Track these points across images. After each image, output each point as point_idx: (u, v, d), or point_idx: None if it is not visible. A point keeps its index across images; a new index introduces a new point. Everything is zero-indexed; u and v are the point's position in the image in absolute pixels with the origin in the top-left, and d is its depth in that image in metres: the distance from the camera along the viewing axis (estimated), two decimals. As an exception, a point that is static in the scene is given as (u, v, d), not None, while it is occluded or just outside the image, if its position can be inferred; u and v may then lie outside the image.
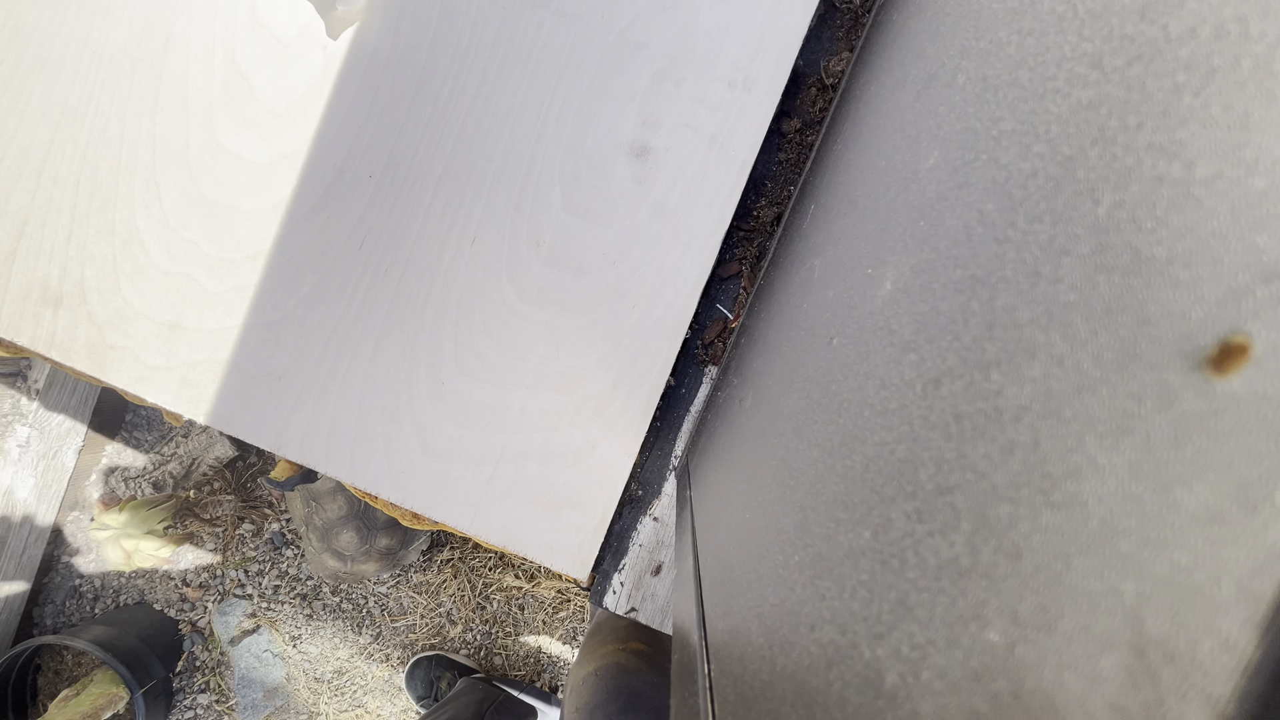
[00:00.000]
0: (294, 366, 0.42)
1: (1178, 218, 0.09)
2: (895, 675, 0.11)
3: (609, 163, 0.42)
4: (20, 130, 0.42)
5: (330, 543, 1.01)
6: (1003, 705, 0.09)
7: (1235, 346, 0.07)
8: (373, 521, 1.01)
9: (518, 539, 0.43)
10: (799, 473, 0.20)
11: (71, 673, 1.08)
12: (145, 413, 1.15)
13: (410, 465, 0.43)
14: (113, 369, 0.42)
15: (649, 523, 0.44)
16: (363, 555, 1.02)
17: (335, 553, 1.02)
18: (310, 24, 0.42)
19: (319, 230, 0.42)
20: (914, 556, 0.12)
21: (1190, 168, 0.09)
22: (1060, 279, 0.11)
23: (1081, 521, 0.09)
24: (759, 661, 0.18)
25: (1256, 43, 0.09)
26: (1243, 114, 0.08)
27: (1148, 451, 0.08)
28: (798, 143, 0.45)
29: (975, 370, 0.12)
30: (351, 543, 1.01)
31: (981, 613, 0.10)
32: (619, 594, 0.44)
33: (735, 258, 0.45)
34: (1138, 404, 0.08)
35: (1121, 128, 0.11)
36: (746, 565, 0.22)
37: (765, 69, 0.42)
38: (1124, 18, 0.12)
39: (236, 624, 1.14)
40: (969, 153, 0.16)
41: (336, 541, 1.01)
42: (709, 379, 0.45)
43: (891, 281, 0.18)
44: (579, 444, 0.43)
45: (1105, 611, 0.08)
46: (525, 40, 0.42)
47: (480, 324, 0.43)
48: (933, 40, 0.23)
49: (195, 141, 0.42)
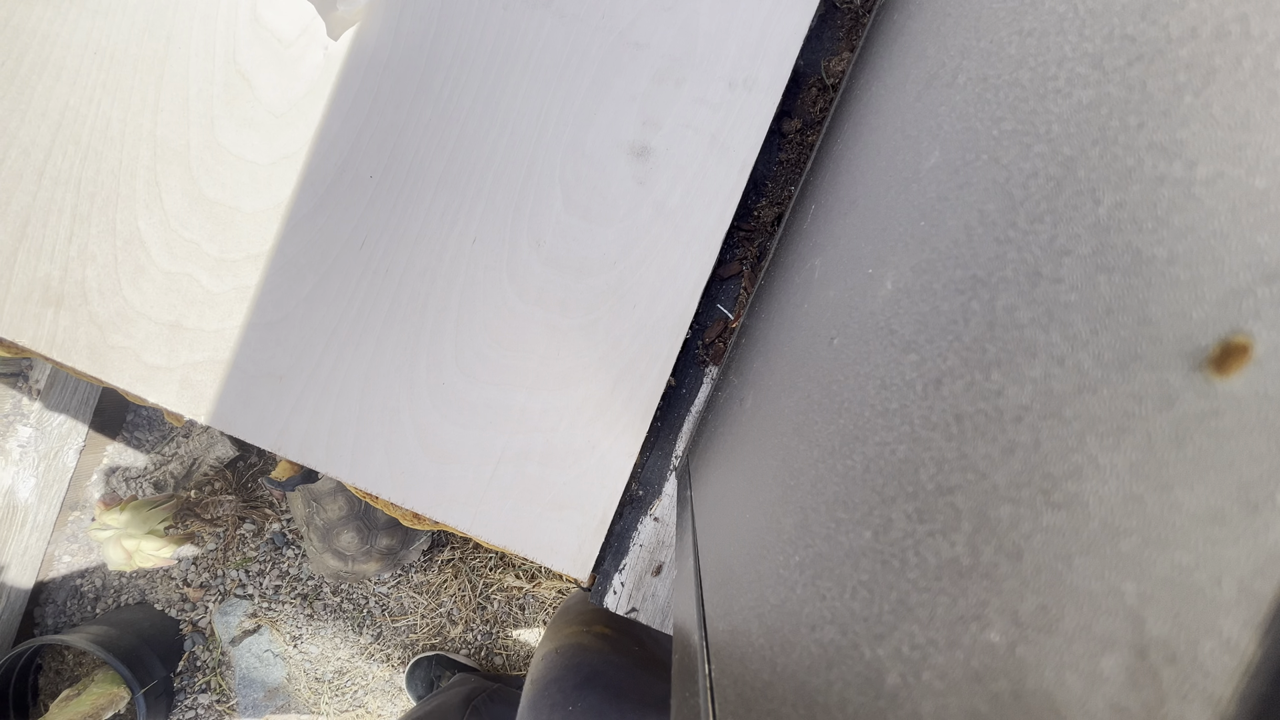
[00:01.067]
0: (295, 367, 0.42)
1: (1179, 218, 0.09)
2: (896, 675, 0.11)
3: (609, 163, 0.42)
4: (21, 131, 0.42)
5: (331, 543, 1.01)
6: (1003, 705, 0.09)
7: (1236, 346, 0.07)
8: (373, 522, 1.01)
9: (518, 539, 0.43)
10: (799, 473, 0.20)
11: (72, 672, 1.08)
12: (146, 413, 1.15)
13: (411, 465, 0.43)
14: (114, 369, 0.42)
15: (649, 523, 0.44)
16: (364, 555, 1.02)
17: (336, 553, 1.02)
18: (311, 24, 0.42)
19: (320, 230, 0.42)
20: (915, 557, 0.12)
21: (1191, 167, 0.09)
22: (1061, 279, 0.11)
23: (1082, 522, 0.09)
24: (759, 661, 0.18)
25: (1258, 42, 0.09)
26: (1244, 114, 0.08)
27: (1149, 452, 0.08)
28: (798, 143, 0.45)
29: (976, 370, 0.12)
30: (352, 543, 1.01)
31: (982, 613, 0.10)
32: (619, 594, 0.44)
33: (736, 258, 0.45)
34: (1138, 404, 0.08)
35: (1122, 128, 0.11)
36: (747, 565, 0.22)
37: (766, 69, 0.42)
38: (1125, 17, 0.12)
39: (237, 624, 1.14)
40: (970, 153, 0.16)
41: (337, 542, 1.01)
42: (709, 379, 0.45)
43: (892, 281, 0.18)
44: (580, 444, 0.43)
45: (1106, 612, 0.08)
46: (526, 40, 0.42)
47: (481, 324, 0.43)
48: (933, 40, 0.23)
49: (196, 142, 0.42)
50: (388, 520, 1.02)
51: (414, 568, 1.15)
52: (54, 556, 1.13)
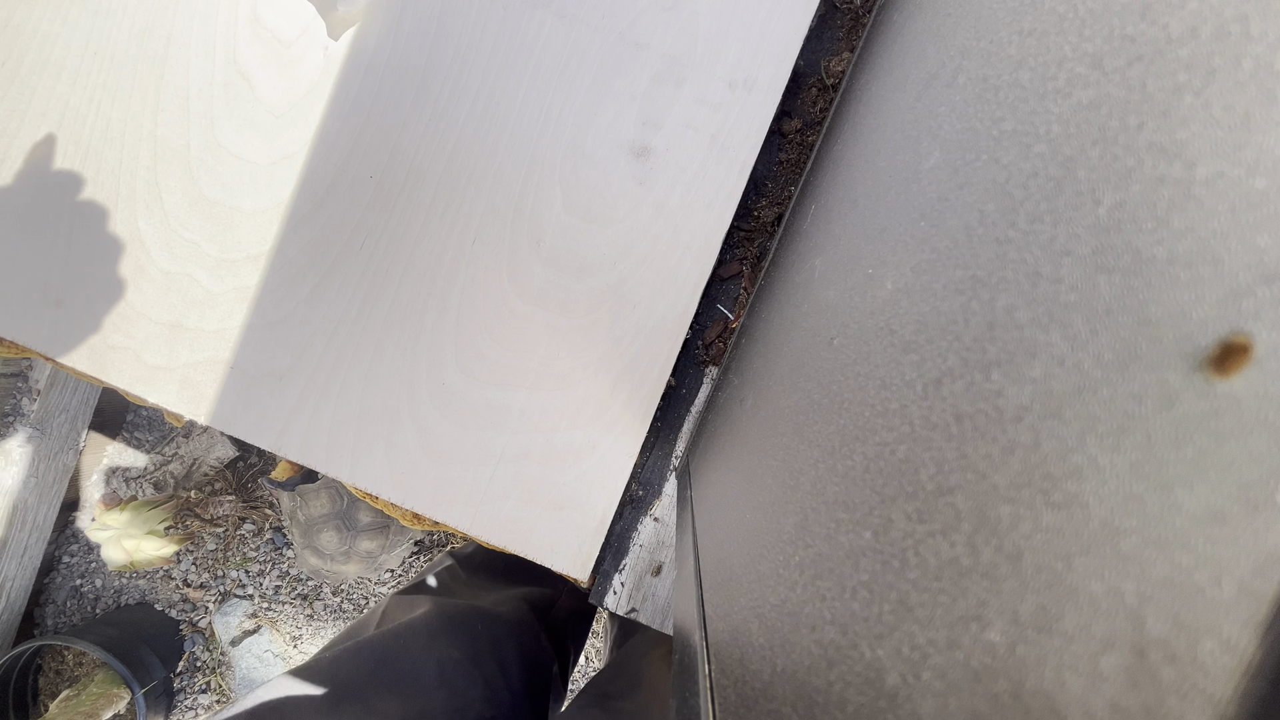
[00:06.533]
0: (295, 367, 0.42)
1: (1178, 218, 0.09)
2: (896, 675, 0.11)
3: (609, 163, 0.42)
4: (22, 131, 0.42)
5: (311, 540, 1.01)
6: (1003, 705, 0.09)
7: (1236, 347, 0.07)
8: (354, 523, 1.01)
9: (518, 539, 0.43)
10: (800, 473, 0.20)
11: (72, 673, 1.08)
12: (146, 413, 1.15)
13: (411, 465, 0.43)
14: (114, 369, 0.42)
15: (649, 523, 0.44)
16: (342, 556, 1.01)
17: (315, 550, 1.01)
18: (311, 24, 0.42)
19: (320, 231, 0.42)
20: (915, 557, 0.12)
21: (1191, 168, 0.09)
22: (1061, 279, 0.11)
23: (1082, 522, 0.09)
24: (760, 662, 0.18)
25: (1257, 42, 0.09)
26: (1244, 114, 0.08)
27: (1149, 452, 0.08)
28: (798, 143, 0.45)
29: (976, 370, 0.12)
30: (331, 542, 1.00)
31: (982, 613, 0.10)
32: (619, 594, 0.44)
33: (736, 258, 0.45)
34: (1139, 404, 0.08)
35: (1122, 128, 0.11)
36: (747, 565, 0.22)
37: (766, 69, 0.42)
38: (1125, 18, 0.12)
39: (237, 624, 1.14)
40: (970, 153, 0.16)
41: (317, 540, 1.00)
42: (710, 379, 0.45)
43: (892, 282, 0.18)
44: (580, 444, 0.43)
45: (1106, 612, 0.08)
46: (526, 41, 0.42)
47: (481, 324, 0.43)
48: (933, 40, 0.23)
49: (196, 142, 0.42)
50: (369, 523, 1.01)
51: (411, 568, 1.14)
52: (54, 557, 1.13)
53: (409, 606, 0.57)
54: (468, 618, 0.54)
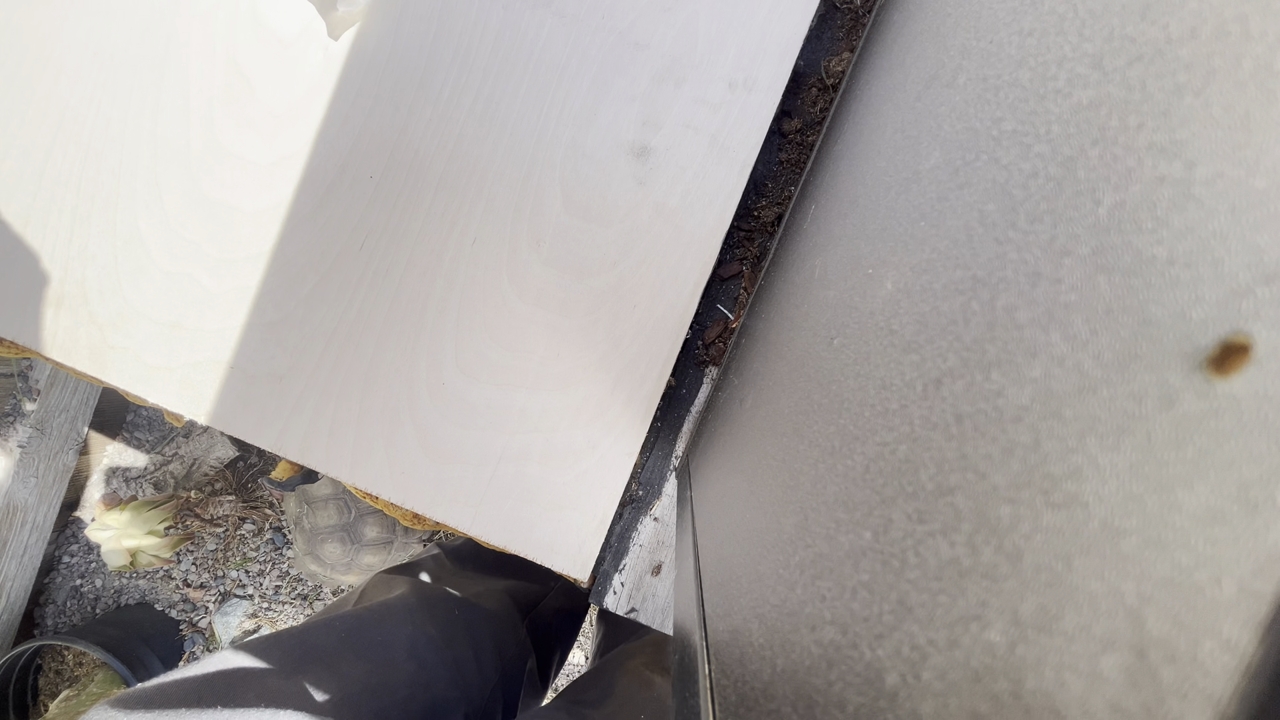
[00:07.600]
0: (295, 367, 0.42)
1: (1178, 218, 0.09)
2: (896, 676, 0.11)
3: (609, 163, 0.42)
4: (21, 131, 0.42)
5: (314, 548, 1.02)
6: (1003, 705, 0.09)
7: (1236, 347, 0.07)
8: (359, 537, 1.02)
9: (518, 539, 0.43)
10: (799, 473, 0.20)
11: (72, 673, 1.08)
12: (146, 413, 1.15)
13: (411, 465, 0.43)
14: (114, 369, 0.42)
15: (649, 523, 0.44)
16: (344, 567, 1.03)
17: (317, 558, 1.02)
18: (311, 24, 0.42)
19: (320, 231, 0.42)
20: (915, 557, 0.12)
21: (1191, 168, 0.09)
22: (1061, 279, 0.11)
23: (1082, 522, 0.09)
24: (760, 662, 0.18)
25: (1257, 42, 0.09)
26: (1244, 114, 0.08)
27: (1148, 452, 0.08)
28: (798, 143, 0.45)
29: (976, 371, 0.12)
30: (334, 554, 1.01)
31: (982, 613, 0.10)
32: (619, 594, 0.44)
33: (736, 258, 0.45)
34: (1138, 404, 0.08)
35: (1122, 128, 0.11)
36: (747, 565, 0.22)
37: (766, 69, 0.42)
38: (1125, 18, 0.12)
39: (237, 624, 1.14)
40: (970, 153, 0.16)
41: (321, 549, 1.01)
42: (710, 379, 0.45)
43: (892, 282, 0.18)
44: (580, 444, 0.43)
45: (1106, 612, 0.08)
46: (526, 41, 0.42)
47: (481, 324, 0.43)
48: (933, 40, 0.23)
49: (196, 142, 0.42)
50: (374, 538, 1.02)
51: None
52: (54, 557, 1.13)
53: (388, 587, 0.57)
54: (446, 601, 0.55)
